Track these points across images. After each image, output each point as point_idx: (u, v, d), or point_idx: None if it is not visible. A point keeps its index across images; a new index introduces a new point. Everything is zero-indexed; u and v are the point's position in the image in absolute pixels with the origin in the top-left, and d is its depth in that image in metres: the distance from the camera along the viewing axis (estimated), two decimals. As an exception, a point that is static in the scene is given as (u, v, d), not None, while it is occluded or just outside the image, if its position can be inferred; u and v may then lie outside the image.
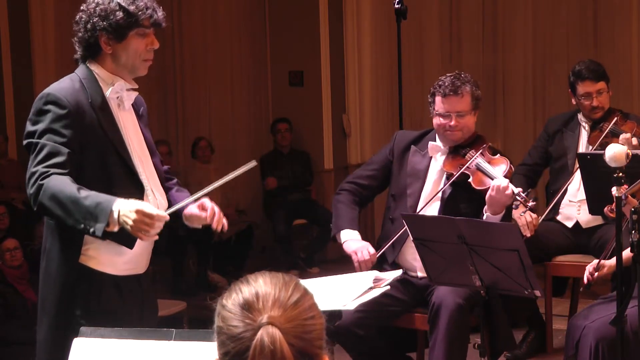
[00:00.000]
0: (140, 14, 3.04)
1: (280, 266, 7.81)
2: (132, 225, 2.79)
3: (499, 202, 4.03)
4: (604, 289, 5.17)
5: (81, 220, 2.82)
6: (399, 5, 5.32)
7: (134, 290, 3.15)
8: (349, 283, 3.78)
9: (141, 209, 2.81)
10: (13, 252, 5.98)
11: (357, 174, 4.51)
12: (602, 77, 5.12)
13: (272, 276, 1.73)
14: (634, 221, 3.42)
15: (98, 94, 3.06)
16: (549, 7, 7.85)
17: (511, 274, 3.61)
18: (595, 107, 5.10)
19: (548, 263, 5.21)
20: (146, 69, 3.14)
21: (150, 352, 2.31)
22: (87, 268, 3.05)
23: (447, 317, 3.98)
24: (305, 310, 1.69)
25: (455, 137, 4.25)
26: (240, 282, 1.74)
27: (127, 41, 3.05)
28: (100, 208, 2.81)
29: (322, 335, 1.71)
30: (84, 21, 3.07)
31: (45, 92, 3.03)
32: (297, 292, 1.71)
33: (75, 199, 2.82)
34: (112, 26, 3.02)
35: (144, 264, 3.21)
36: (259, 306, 1.67)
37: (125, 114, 3.14)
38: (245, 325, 1.66)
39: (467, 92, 4.22)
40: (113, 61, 3.08)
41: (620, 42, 7.57)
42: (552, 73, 7.73)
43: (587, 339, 3.89)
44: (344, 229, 4.30)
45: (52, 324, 3.07)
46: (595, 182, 4.29)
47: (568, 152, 5.19)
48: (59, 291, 3.06)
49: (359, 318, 4.05)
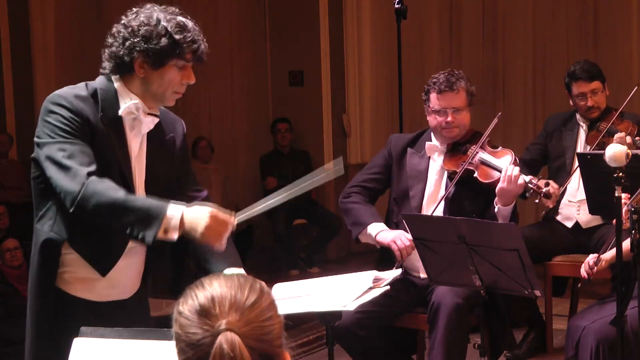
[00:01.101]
0: (185, 46, 2.79)
1: (280, 266, 7.82)
2: (205, 231, 2.61)
3: (511, 193, 4.01)
4: (604, 289, 5.17)
5: (130, 225, 2.63)
6: (399, 5, 5.32)
7: (116, 318, 2.83)
8: (349, 283, 3.77)
9: (215, 213, 2.64)
10: (13, 252, 5.99)
11: (361, 178, 4.44)
12: (596, 77, 5.13)
13: (226, 278, 1.70)
14: (634, 221, 3.43)
15: (112, 109, 2.83)
16: (549, 7, 7.85)
17: (511, 273, 3.61)
18: (591, 107, 5.11)
19: (548, 263, 5.21)
20: (174, 101, 2.91)
21: (150, 352, 2.31)
22: (64, 292, 2.85)
23: (446, 317, 3.98)
24: (263, 311, 1.67)
25: (453, 133, 4.25)
26: (196, 286, 1.71)
27: (163, 70, 2.81)
28: (152, 212, 2.62)
29: (281, 333, 1.69)
30: (123, 37, 2.80)
31: (56, 94, 2.81)
32: (253, 293, 1.68)
33: (123, 202, 2.63)
34: (153, 51, 2.77)
35: (130, 288, 2.99)
36: (216, 311, 1.65)
37: (135, 138, 2.90)
38: (203, 332, 1.64)
39: (463, 88, 4.23)
40: (142, 85, 2.84)
41: (620, 42, 7.57)
42: (552, 73, 7.72)
43: (588, 340, 3.89)
44: (370, 224, 4.24)
45: (32, 346, 2.90)
46: (595, 182, 4.28)
47: (567, 152, 5.19)
48: (36, 314, 2.88)
49: (359, 319, 4.05)
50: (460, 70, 4.35)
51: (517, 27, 8.00)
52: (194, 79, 2.89)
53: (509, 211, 4.05)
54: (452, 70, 4.34)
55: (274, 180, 7.98)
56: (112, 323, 2.72)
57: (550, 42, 7.87)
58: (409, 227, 3.90)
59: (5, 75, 7.50)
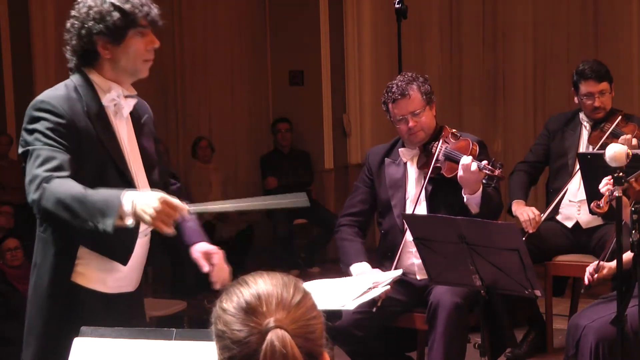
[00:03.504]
0: (137, 12, 2.87)
1: (280, 266, 7.81)
2: (154, 214, 2.62)
3: (470, 180, 4.03)
4: (604, 289, 5.16)
5: (89, 218, 2.67)
6: (399, 5, 5.32)
7: (123, 309, 2.98)
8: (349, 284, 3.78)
9: (165, 198, 2.66)
10: (14, 252, 5.98)
11: (348, 204, 4.48)
12: (605, 77, 5.11)
13: (271, 277, 1.71)
14: (634, 221, 3.42)
15: (94, 102, 2.91)
16: (549, 7, 7.84)
17: (511, 273, 3.61)
18: (597, 108, 5.10)
19: (548, 263, 5.21)
20: (147, 70, 2.98)
21: (150, 352, 2.31)
22: (76, 285, 2.91)
23: (444, 317, 3.99)
24: (308, 310, 1.68)
25: (419, 137, 4.26)
26: (239, 283, 1.70)
27: (126, 43, 2.89)
28: (109, 202, 2.66)
29: (323, 333, 1.70)
30: (77, 27, 2.89)
31: (39, 99, 2.88)
32: (298, 292, 1.69)
33: (82, 197, 2.68)
34: (109, 28, 2.85)
35: (135, 282, 3.07)
36: (263, 309, 1.64)
37: (121, 122, 2.98)
38: (250, 329, 1.64)
39: (415, 90, 4.24)
40: (112, 66, 2.92)
41: (621, 42, 7.56)
42: (552, 73, 7.72)
43: (588, 339, 3.89)
44: (352, 264, 4.26)
45: (40, 346, 2.96)
46: (596, 182, 4.28)
47: (569, 152, 5.18)
48: (48, 311, 2.93)
49: (358, 319, 4.05)
50: (413, 72, 4.34)
51: (518, 27, 8.00)
52: (158, 41, 2.96)
53: (478, 199, 4.07)
54: (404, 74, 4.35)
55: (274, 180, 7.99)
56: (120, 313, 2.92)
57: (550, 42, 7.86)
58: (409, 227, 3.90)
59: (5, 76, 7.50)
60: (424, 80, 4.29)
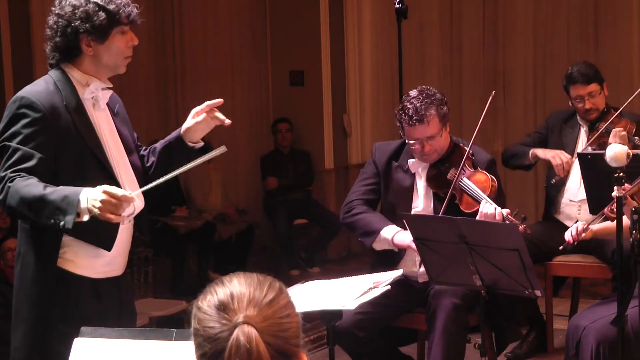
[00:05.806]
0: (120, 12, 3.02)
1: (280, 266, 7.82)
2: (100, 207, 2.75)
3: None
4: (604, 289, 5.17)
5: (50, 216, 2.79)
6: (400, 5, 5.31)
7: (112, 293, 3.11)
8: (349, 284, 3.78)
9: (107, 189, 2.79)
10: (14, 252, 5.97)
11: (358, 190, 4.34)
12: (593, 79, 5.13)
13: (246, 276, 1.75)
14: (634, 221, 3.43)
15: (73, 96, 3.04)
16: (549, 7, 7.84)
17: (511, 273, 3.62)
18: (589, 109, 5.13)
19: (548, 263, 5.21)
20: (125, 66, 3.12)
21: (150, 352, 2.31)
22: (65, 271, 3.01)
23: (443, 317, 3.99)
24: (281, 308, 1.71)
25: (431, 158, 4.18)
26: (215, 283, 1.76)
27: (109, 41, 3.03)
28: (68, 200, 2.78)
29: (299, 333, 1.73)
30: (62, 26, 3.04)
31: (19, 95, 2.99)
32: (271, 291, 1.72)
33: (41, 196, 2.79)
34: (94, 27, 3.00)
35: (122, 266, 3.18)
36: (234, 306, 1.69)
37: (100, 113, 3.11)
38: (221, 325, 1.68)
39: (434, 116, 4.07)
40: (93, 62, 3.06)
41: (621, 42, 7.57)
42: (552, 73, 7.71)
43: (588, 340, 3.89)
44: (382, 228, 4.17)
45: (28, 330, 3.03)
46: (596, 182, 4.29)
47: (565, 149, 5.20)
48: (36, 296, 3.02)
49: (358, 320, 4.05)
50: (431, 89, 4.15)
51: (518, 26, 8.00)
52: (137, 39, 3.10)
53: None
54: (421, 92, 4.12)
55: (274, 180, 7.98)
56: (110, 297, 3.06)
57: (550, 41, 7.86)
58: (409, 227, 3.90)
59: (5, 76, 7.49)
60: (442, 100, 4.12)
